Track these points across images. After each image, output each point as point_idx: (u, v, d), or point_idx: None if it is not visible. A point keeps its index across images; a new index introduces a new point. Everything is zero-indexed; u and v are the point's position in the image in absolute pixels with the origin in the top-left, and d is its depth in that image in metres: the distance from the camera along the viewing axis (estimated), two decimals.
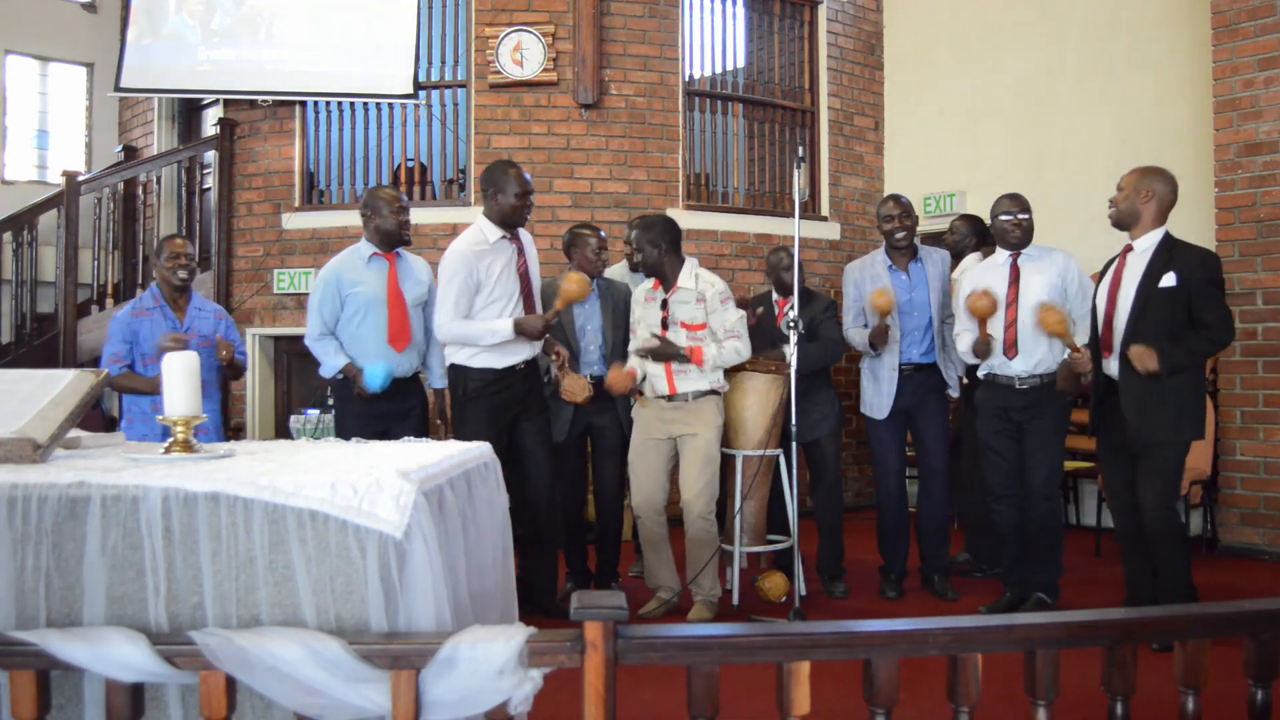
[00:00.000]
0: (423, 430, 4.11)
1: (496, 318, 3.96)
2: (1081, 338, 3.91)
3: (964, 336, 4.21)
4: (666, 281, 4.16)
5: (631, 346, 4.26)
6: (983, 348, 4.08)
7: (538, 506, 4.03)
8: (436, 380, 4.25)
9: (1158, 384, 3.49)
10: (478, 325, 3.93)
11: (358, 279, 4.03)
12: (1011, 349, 4.07)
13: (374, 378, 3.88)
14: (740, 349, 4.11)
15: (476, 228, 4.04)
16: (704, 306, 4.12)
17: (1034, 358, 4.04)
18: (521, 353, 4.04)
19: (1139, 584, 3.76)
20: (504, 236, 4.01)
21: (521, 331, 3.92)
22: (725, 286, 4.20)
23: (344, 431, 3.84)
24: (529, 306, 4.04)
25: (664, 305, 4.14)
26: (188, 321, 4.17)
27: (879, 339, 4.35)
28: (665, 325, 4.11)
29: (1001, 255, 4.23)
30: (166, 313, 4.14)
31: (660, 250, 4.10)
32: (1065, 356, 3.96)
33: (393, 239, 4.08)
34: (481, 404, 3.98)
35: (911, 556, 4.65)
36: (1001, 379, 4.12)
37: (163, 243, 4.25)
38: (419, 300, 4.14)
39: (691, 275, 4.16)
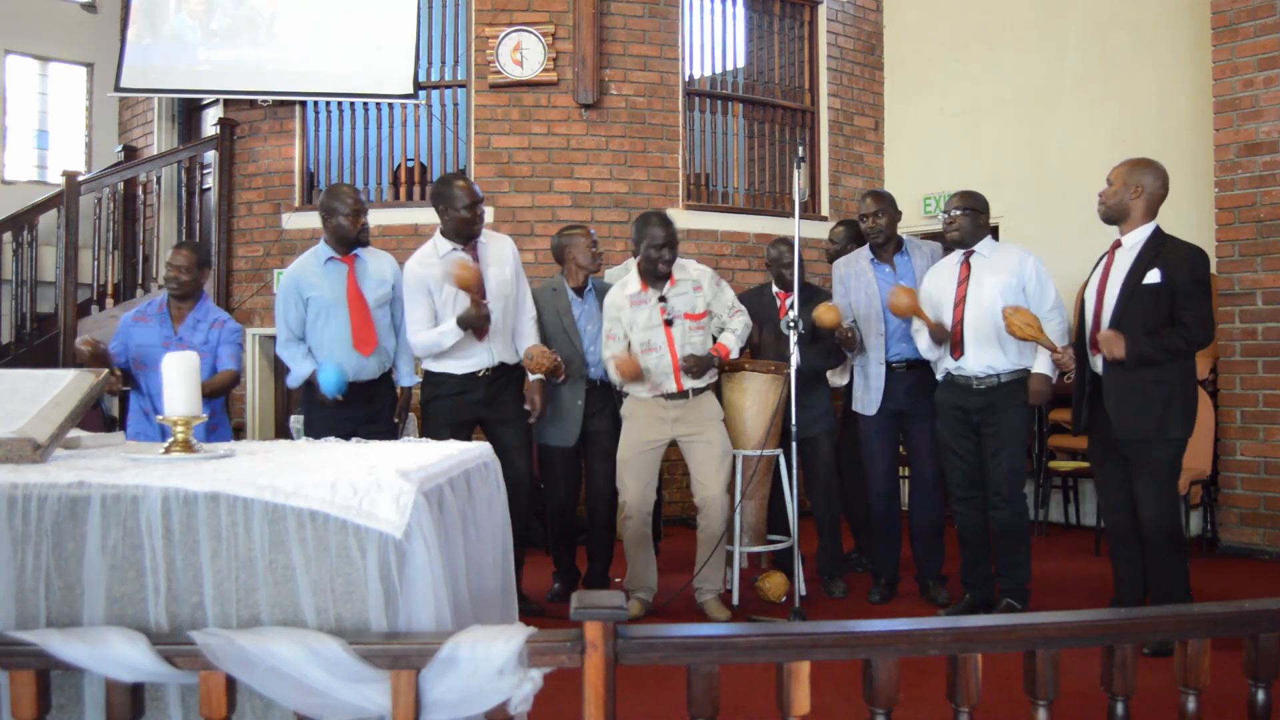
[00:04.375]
0: (393, 433, 4.11)
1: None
2: (1057, 336, 3.87)
3: (920, 334, 4.19)
4: (660, 279, 4.12)
5: (608, 352, 4.18)
6: (940, 333, 4.07)
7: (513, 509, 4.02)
8: (403, 379, 4.22)
9: (1140, 381, 3.46)
10: (433, 332, 4.01)
11: (316, 283, 3.98)
12: (956, 349, 4.03)
13: (327, 382, 3.82)
14: (748, 320, 4.26)
15: (430, 243, 4.12)
16: (702, 294, 4.15)
17: (984, 359, 3.99)
18: (480, 359, 4.06)
19: (1127, 585, 3.70)
20: (455, 249, 4.05)
21: (465, 324, 3.94)
22: (711, 269, 4.28)
23: (314, 435, 3.80)
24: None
25: (661, 300, 4.10)
26: (181, 330, 4.14)
27: (846, 347, 4.38)
28: (669, 323, 4.08)
29: (955, 254, 4.19)
30: (164, 320, 4.16)
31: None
32: (1033, 365, 3.94)
33: (349, 241, 4.00)
34: (439, 405, 4.08)
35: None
36: (959, 379, 4.05)
37: (171, 250, 4.25)
38: (383, 300, 4.07)
39: (680, 267, 4.18)
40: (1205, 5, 5.60)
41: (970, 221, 4.07)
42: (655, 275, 4.10)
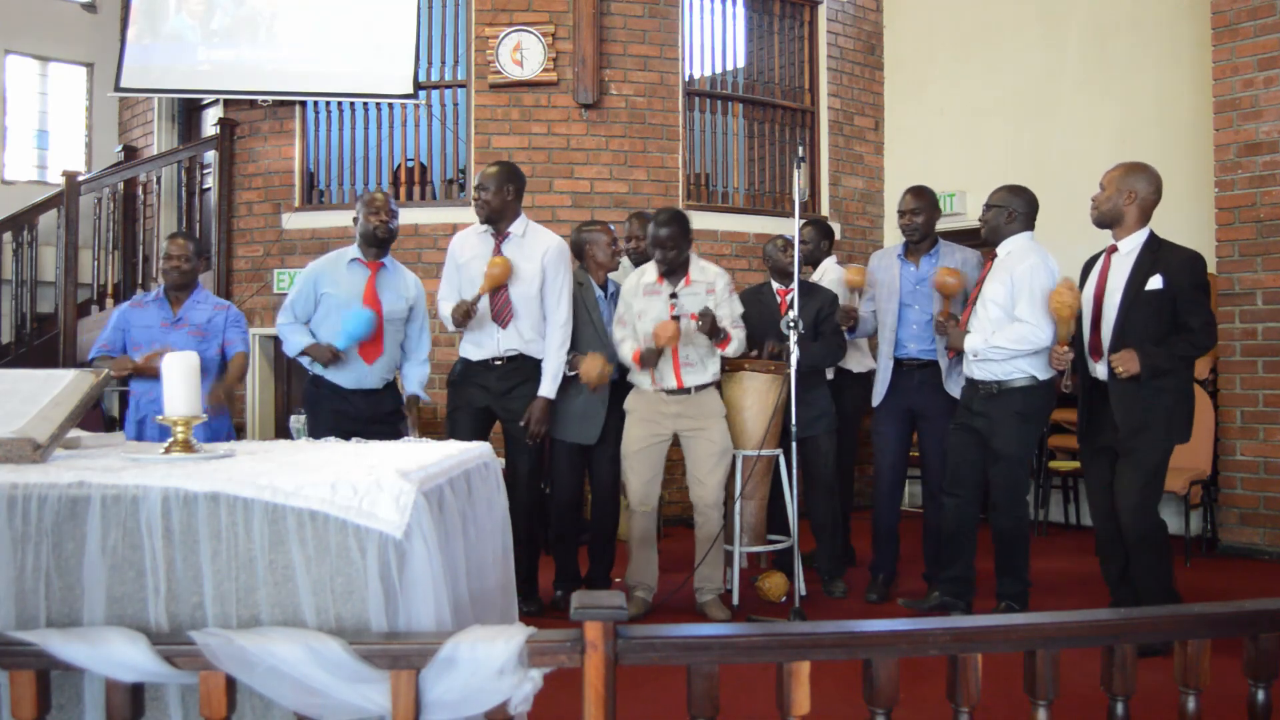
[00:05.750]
0: (396, 436, 4.07)
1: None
2: (1009, 340, 3.83)
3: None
4: (676, 276, 4.15)
5: (619, 335, 4.21)
6: (939, 326, 4.13)
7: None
8: (409, 386, 4.21)
9: (1147, 388, 3.45)
10: (446, 309, 4.13)
11: (335, 281, 4.02)
12: (952, 349, 4.08)
13: (353, 324, 3.83)
14: (744, 339, 4.24)
15: (475, 225, 4.23)
16: (714, 297, 4.15)
17: (977, 363, 3.96)
18: (488, 347, 4.08)
19: (1122, 588, 3.69)
20: (486, 230, 4.14)
21: (453, 314, 4.03)
22: (728, 276, 4.29)
23: (316, 435, 3.80)
24: (493, 305, 4.05)
25: (672, 297, 4.11)
26: (181, 311, 4.20)
27: (841, 318, 4.45)
28: (675, 319, 4.08)
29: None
30: (162, 304, 4.22)
31: (688, 245, 4.15)
32: (1038, 372, 3.90)
33: (369, 239, 4.04)
34: (454, 390, 4.20)
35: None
36: (972, 379, 4.04)
37: (167, 240, 4.34)
38: (398, 314, 4.07)
39: (699, 268, 4.20)
40: (1205, 5, 5.60)
41: (997, 218, 3.99)
42: (666, 271, 4.13)
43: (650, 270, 4.19)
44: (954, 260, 4.37)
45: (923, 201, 4.37)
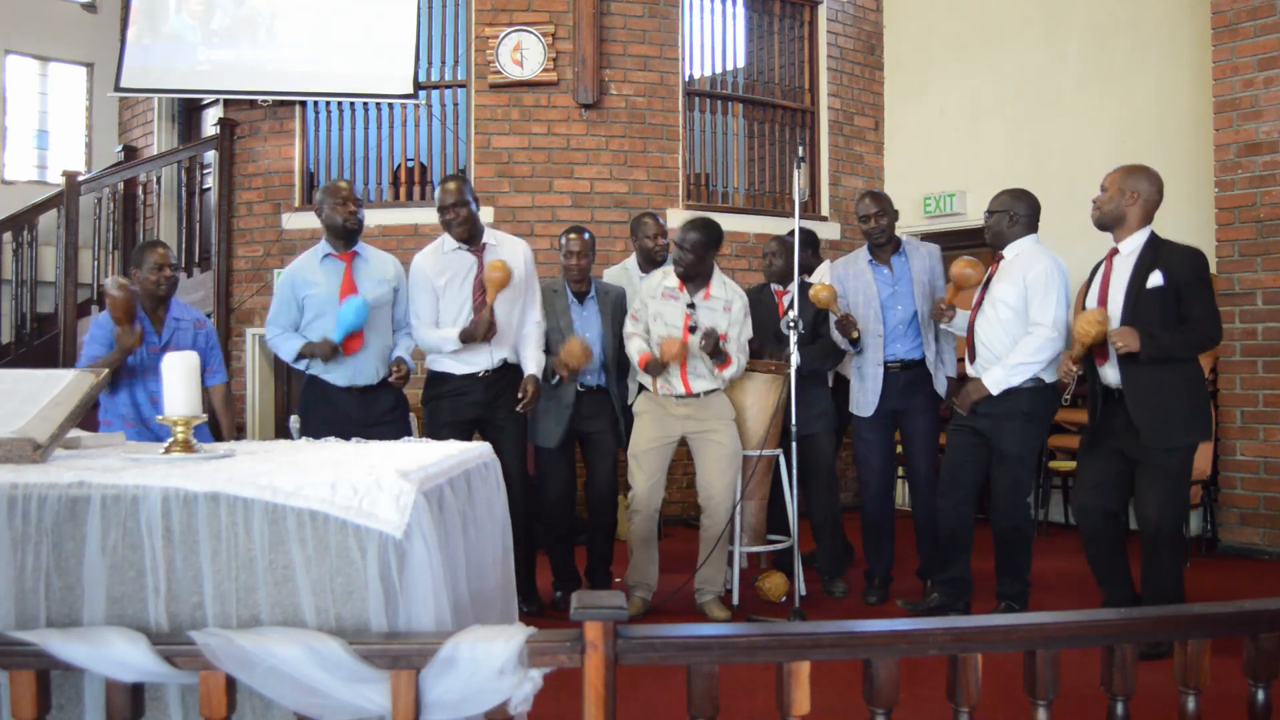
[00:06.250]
0: (392, 436, 4.04)
1: (451, 326, 4.04)
2: (1028, 351, 3.82)
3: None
4: (696, 285, 4.15)
5: (629, 329, 4.23)
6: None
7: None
8: (396, 351, 4.09)
9: (1165, 386, 3.42)
10: (435, 334, 4.05)
11: (312, 281, 3.94)
12: (970, 353, 4.04)
13: (347, 312, 3.76)
14: (744, 364, 4.25)
15: (439, 240, 4.16)
16: (729, 315, 4.16)
17: (987, 367, 3.92)
18: (479, 361, 4.06)
19: (1114, 586, 3.66)
20: (460, 248, 4.07)
21: (467, 338, 3.97)
22: (747, 299, 4.29)
23: (310, 436, 3.74)
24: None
25: (690, 307, 4.12)
26: (165, 334, 3.99)
27: (842, 329, 4.37)
28: (690, 329, 4.09)
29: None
30: (145, 325, 3.96)
31: (710, 257, 4.15)
32: (1045, 375, 3.87)
33: (338, 231, 3.96)
34: (440, 405, 4.11)
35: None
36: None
37: (144, 250, 4.00)
38: (382, 299, 4.00)
39: (721, 282, 4.20)
40: (1205, 5, 5.60)
41: (999, 223, 3.98)
42: (682, 275, 4.14)
43: (673, 274, 4.20)
44: (920, 256, 4.44)
45: (882, 204, 4.44)
